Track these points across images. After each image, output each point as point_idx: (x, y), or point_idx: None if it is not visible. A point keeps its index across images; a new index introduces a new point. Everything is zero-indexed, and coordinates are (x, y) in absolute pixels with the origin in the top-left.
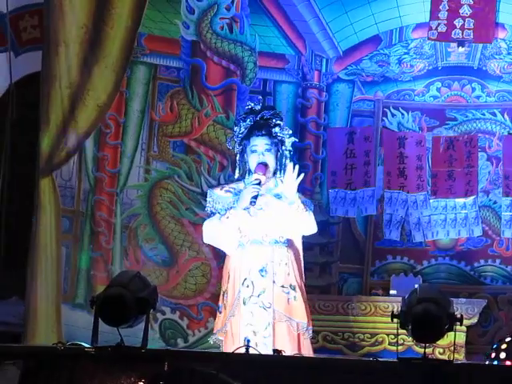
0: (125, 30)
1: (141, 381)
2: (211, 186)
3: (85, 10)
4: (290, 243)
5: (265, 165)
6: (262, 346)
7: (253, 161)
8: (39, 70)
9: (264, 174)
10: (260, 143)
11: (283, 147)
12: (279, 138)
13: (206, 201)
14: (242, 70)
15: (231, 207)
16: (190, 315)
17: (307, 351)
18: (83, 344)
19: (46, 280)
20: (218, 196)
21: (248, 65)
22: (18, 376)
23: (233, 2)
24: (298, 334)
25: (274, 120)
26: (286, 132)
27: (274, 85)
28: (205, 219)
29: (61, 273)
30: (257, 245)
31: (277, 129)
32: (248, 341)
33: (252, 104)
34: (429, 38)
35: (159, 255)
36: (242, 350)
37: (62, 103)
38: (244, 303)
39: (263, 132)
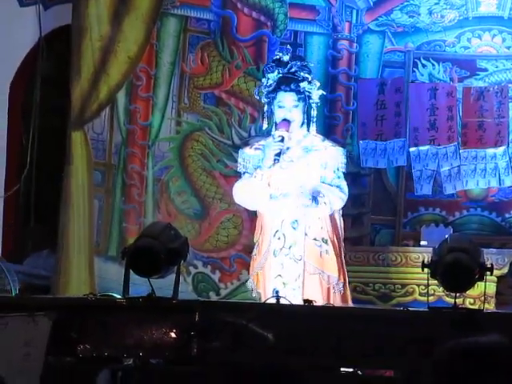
0: None
1: (172, 331)
2: (241, 146)
3: None
4: None
5: (288, 121)
6: (291, 298)
7: (279, 116)
8: (69, 23)
9: (287, 130)
10: (287, 99)
11: (311, 100)
12: (307, 92)
13: (236, 153)
14: (273, 22)
15: (257, 166)
16: (223, 268)
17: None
18: (114, 295)
19: (79, 233)
20: (248, 155)
21: (279, 16)
22: (49, 327)
23: None
24: (328, 288)
25: (301, 73)
26: (314, 85)
27: (304, 36)
28: (236, 171)
29: (93, 226)
30: (290, 197)
31: (305, 83)
32: (277, 292)
33: (280, 54)
34: None
35: (191, 208)
36: (273, 301)
37: (93, 56)
38: (274, 255)
39: (291, 87)
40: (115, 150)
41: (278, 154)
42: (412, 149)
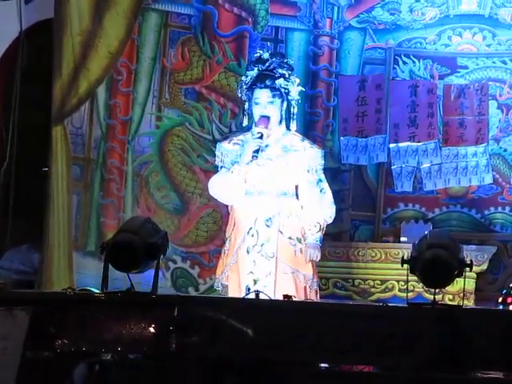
0: None
1: (151, 326)
2: (220, 140)
3: None
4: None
5: (267, 117)
6: (261, 295)
7: (255, 113)
8: (50, 17)
9: (266, 127)
10: (262, 96)
11: (289, 97)
12: (283, 89)
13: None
14: (254, 18)
15: (235, 162)
16: (202, 263)
17: None
18: (93, 290)
19: (58, 228)
20: (225, 149)
21: (260, 12)
22: (27, 321)
23: None
24: (305, 287)
25: (279, 70)
26: (292, 82)
27: (285, 32)
28: (216, 166)
29: (72, 221)
30: (265, 195)
31: (281, 80)
32: (248, 289)
33: (260, 52)
34: None
35: (170, 203)
36: (252, 296)
37: (74, 50)
38: (248, 252)
39: (266, 84)
40: (94, 145)
41: (257, 151)
42: (392, 145)
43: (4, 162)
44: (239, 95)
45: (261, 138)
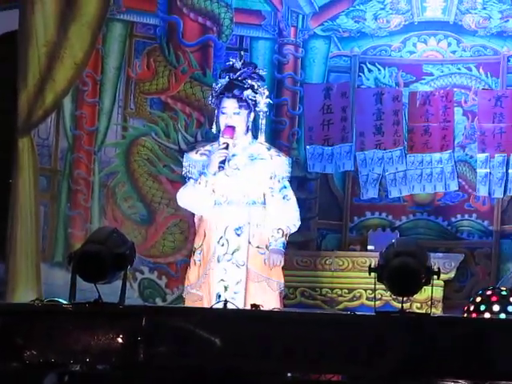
0: None
1: (118, 337)
2: (186, 150)
3: None
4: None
5: (232, 127)
6: (233, 302)
7: (221, 122)
8: (15, 28)
9: (231, 137)
10: (229, 105)
11: (257, 108)
12: (251, 100)
13: (183, 158)
14: (219, 27)
15: (202, 173)
16: (169, 273)
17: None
18: (61, 301)
19: (25, 239)
20: (192, 160)
21: (224, 21)
22: None
23: None
24: (280, 293)
25: (249, 81)
26: (261, 94)
27: (250, 41)
28: (182, 176)
29: (39, 232)
30: (234, 205)
31: (249, 91)
32: (219, 297)
33: (233, 61)
34: None
35: (137, 213)
36: (220, 306)
37: (39, 61)
38: (218, 261)
39: (233, 94)
40: (61, 156)
41: (223, 162)
42: (358, 153)
43: None
44: (209, 103)
45: (226, 148)
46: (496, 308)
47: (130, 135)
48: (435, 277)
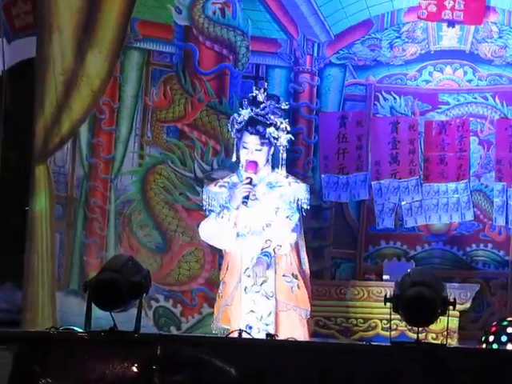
0: (118, 16)
1: (134, 365)
2: (203, 179)
3: None
4: None
5: (254, 162)
6: (263, 333)
7: (242, 156)
8: (33, 56)
9: (254, 172)
10: (251, 141)
11: (278, 143)
12: (273, 138)
13: (199, 186)
14: (235, 55)
15: (225, 207)
16: (184, 302)
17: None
18: (76, 329)
19: (41, 267)
20: (212, 192)
21: (240, 49)
22: (11, 360)
23: None
24: (307, 321)
25: (272, 117)
26: (283, 130)
27: (266, 69)
28: (198, 204)
29: (55, 259)
30: (257, 235)
31: (271, 129)
32: (250, 327)
33: (257, 92)
34: (418, 17)
35: (153, 241)
36: (235, 335)
37: (56, 89)
38: (245, 292)
39: (256, 130)
40: (77, 184)
41: (247, 197)
42: (373, 182)
43: None
44: (230, 130)
45: (250, 183)
46: None
47: (146, 163)
48: (451, 307)
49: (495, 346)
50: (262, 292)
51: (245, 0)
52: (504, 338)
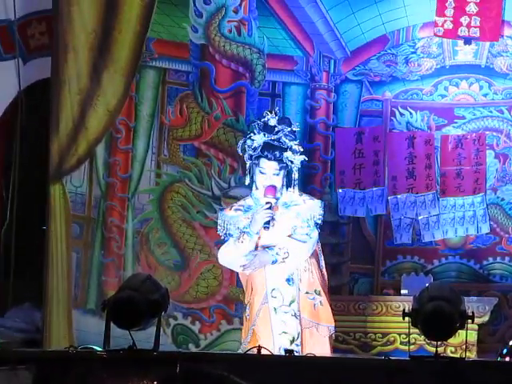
0: (133, 35)
1: (153, 383)
2: (220, 196)
3: (93, 15)
4: None
5: (273, 187)
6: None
7: (260, 181)
8: (48, 76)
9: (274, 197)
10: (269, 167)
11: (292, 165)
12: (289, 161)
13: (216, 203)
14: (251, 73)
15: (244, 232)
16: (203, 318)
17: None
18: (95, 348)
19: (58, 286)
20: (228, 217)
21: (257, 67)
22: (31, 380)
23: (241, 5)
24: (330, 336)
25: (286, 141)
26: (297, 152)
27: (282, 87)
28: (215, 222)
29: (72, 279)
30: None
31: (288, 153)
32: (285, 350)
33: (269, 115)
34: (435, 34)
35: (171, 259)
36: (254, 352)
37: (72, 109)
38: (275, 312)
39: (274, 156)
40: (94, 204)
41: (268, 222)
42: (390, 197)
43: (4, 221)
44: (240, 153)
45: (270, 208)
46: None
47: (163, 181)
48: (469, 321)
49: None
50: (291, 312)
51: (260, 18)
52: None
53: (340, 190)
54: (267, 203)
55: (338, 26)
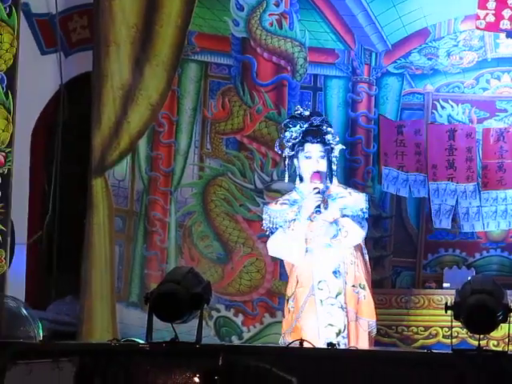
0: (175, 29)
1: (195, 376)
2: (263, 190)
3: (134, 9)
4: None
5: (319, 173)
6: (342, 346)
7: (307, 167)
8: (89, 70)
9: (321, 182)
10: (314, 150)
11: (332, 154)
12: (331, 145)
13: (259, 197)
14: (293, 66)
15: (293, 219)
16: (246, 311)
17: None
18: (138, 340)
19: (101, 279)
20: (274, 211)
21: (298, 60)
22: (73, 372)
23: None
24: (369, 332)
25: (324, 127)
26: (336, 139)
27: (324, 80)
28: (258, 215)
29: (114, 272)
30: (326, 247)
31: (329, 136)
32: (330, 343)
33: (301, 109)
34: (477, 27)
35: (214, 252)
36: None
37: (114, 104)
38: (322, 304)
39: (317, 138)
40: (137, 197)
41: (319, 206)
42: (431, 182)
43: (47, 214)
44: (278, 151)
45: (319, 192)
46: None
47: (206, 175)
48: None
49: None
50: (337, 304)
51: (301, 11)
52: None
53: (384, 168)
54: (315, 188)
55: (379, 19)
